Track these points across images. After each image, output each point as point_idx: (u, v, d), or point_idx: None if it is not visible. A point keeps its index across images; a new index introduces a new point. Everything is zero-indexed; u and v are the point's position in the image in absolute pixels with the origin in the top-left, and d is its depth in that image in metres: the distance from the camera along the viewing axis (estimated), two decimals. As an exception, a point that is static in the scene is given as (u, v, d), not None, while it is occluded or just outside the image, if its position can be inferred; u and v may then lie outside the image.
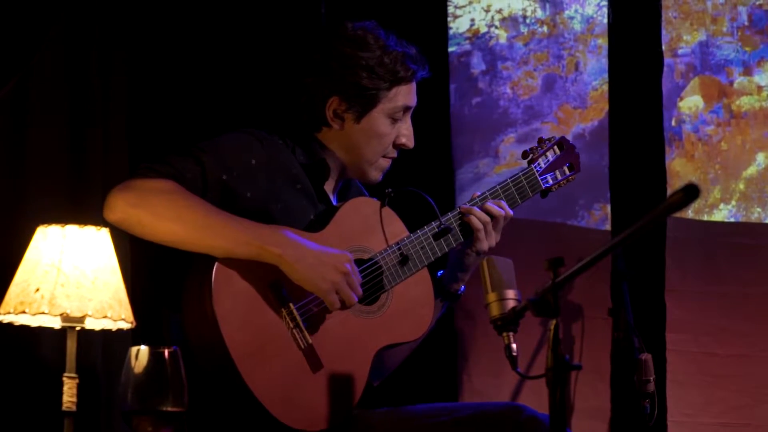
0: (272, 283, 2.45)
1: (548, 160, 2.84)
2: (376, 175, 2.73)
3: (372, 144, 2.68)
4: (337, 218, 2.59)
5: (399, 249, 2.62)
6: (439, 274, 2.74)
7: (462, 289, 2.79)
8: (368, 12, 3.87)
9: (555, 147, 2.86)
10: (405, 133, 2.72)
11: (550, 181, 2.84)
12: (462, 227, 2.70)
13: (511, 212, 2.73)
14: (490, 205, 2.70)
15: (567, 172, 2.88)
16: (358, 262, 2.59)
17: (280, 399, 2.39)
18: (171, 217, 2.42)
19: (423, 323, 2.64)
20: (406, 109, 2.70)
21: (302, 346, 2.45)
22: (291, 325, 2.44)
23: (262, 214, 2.52)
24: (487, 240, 2.69)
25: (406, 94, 2.69)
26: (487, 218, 2.68)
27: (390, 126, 2.68)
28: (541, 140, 2.87)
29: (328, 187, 2.71)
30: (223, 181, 2.51)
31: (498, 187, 2.76)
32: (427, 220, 2.69)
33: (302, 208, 2.60)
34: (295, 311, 2.45)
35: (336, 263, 2.45)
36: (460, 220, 2.70)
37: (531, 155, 2.83)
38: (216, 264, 2.42)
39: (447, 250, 2.68)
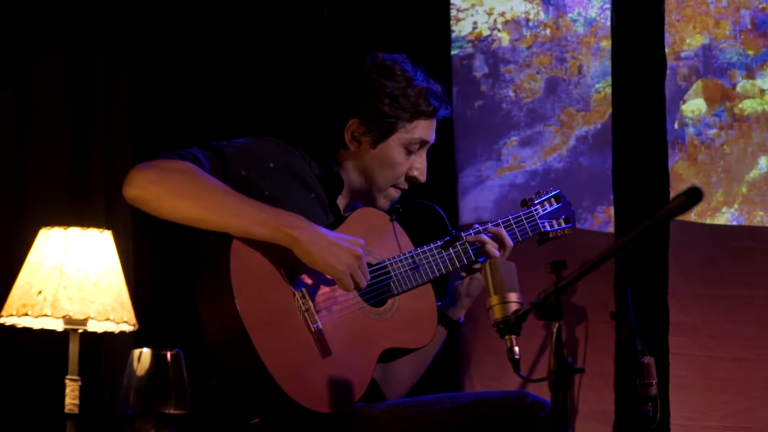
0: (287, 267, 2.48)
1: (546, 209, 2.92)
2: (383, 204, 2.78)
3: (384, 171, 2.74)
4: (347, 222, 2.65)
5: (410, 258, 2.66)
6: (438, 304, 2.77)
7: (462, 319, 2.83)
8: (371, 15, 3.88)
9: (552, 199, 2.95)
10: (418, 167, 2.77)
11: (548, 227, 2.91)
12: (467, 252, 2.74)
13: (512, 243, 2.78)
14: (504, 234, 2.75)
15: (563, 224, 2.95)
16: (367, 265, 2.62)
17: (288, 372, 2.40)
18: (189, 195, 2.44)
19: (427, 334, 2.67)
20: (422, 143, 2.76)
21: (312, 330, 2.47)
22: (303, 308, 2.47)
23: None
24: None
25: (424, 129, 2.74)
26: (496, 245, 2.74)
27: (404, 156, 2.74)
28: (538, 192, 2.96)
29: (340, 203, 2.74)
30: (242, 176, 2.55)
31: (500, 221, 2.81)
32: (433, 238, 2.73)
33: (315, 214, 2.62)
34: (307, 295, 2.48)
35: (350, 247, 2.49)
36: (472, 246, 2.74)
37: (530, 203, 2.91)
38: (234, 239, 2.44)
39: (458, 265, 2.72)
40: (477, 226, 2.80)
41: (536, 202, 2.91)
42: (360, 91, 2.69)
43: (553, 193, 2.95)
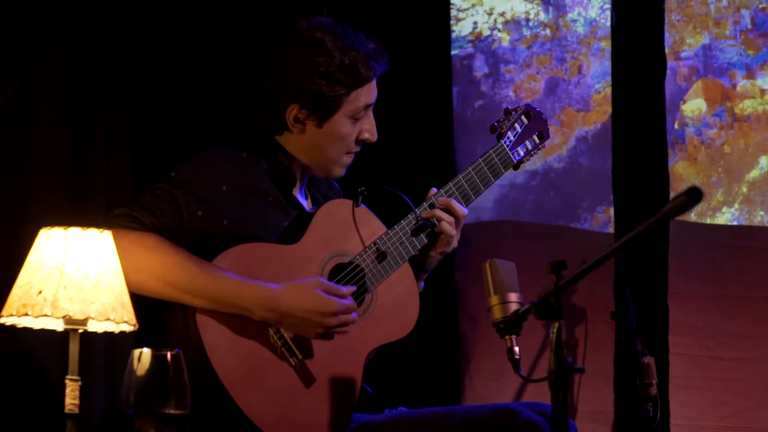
0: None
1: (517, 132, 2.81)
2: (339, 172, 2.71)
3: (335, 146, 2.65)
4: (313, 225, 2.58)
5: (377, 248, 2.61)
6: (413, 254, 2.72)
7: (422, 286, 2.77)
8: (371, 15, 3.88)
9: (522, 117, 2.83)
10: (367, 128, 2.68)
11: (522, 153, 2.82)
12: (423, 228, 2.68)
13: (466, 211, 2.70)
14: (454, 204, 2.68)
15: (537, 141, 2.84)
16: (339, 267, 2.59)
17: (277, 420, 2.39)
18: (155, 276, 2.43)
19: (410, 320, 2.63)
20: (367, 106, 2.66)
21: (293, 363, 2.45)
22: (279, 344, 2.45)
23: (241, 237, 2.52)
24: (455, 241, 2.69)
25: (367, 93, 2.64)
26: (452, 219, 2.68)
27: (352, 126, 2.64)
28: (507, 111, 2.83)
29: (295, 189, 2.70)
30: (199, 217, 2.50)
31: (470, 167, 2.73)
32: (405, 213, 2.68)
33: (276, 220, 2.59)
34: (282, 329, 2.45)
35: (319, 321, 2.45)
36: (428, 222, 2.68)
37: (499, 129, 2.80)
38: None
39: (426, 242, 2.66)
40: (434, 189, 2.71)
41: (507, 126, 2.80)
42: (294, 75, 2.58)
43: (522, 111, 2.83)
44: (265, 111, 2.63)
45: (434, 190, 2.72)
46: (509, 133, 2.79)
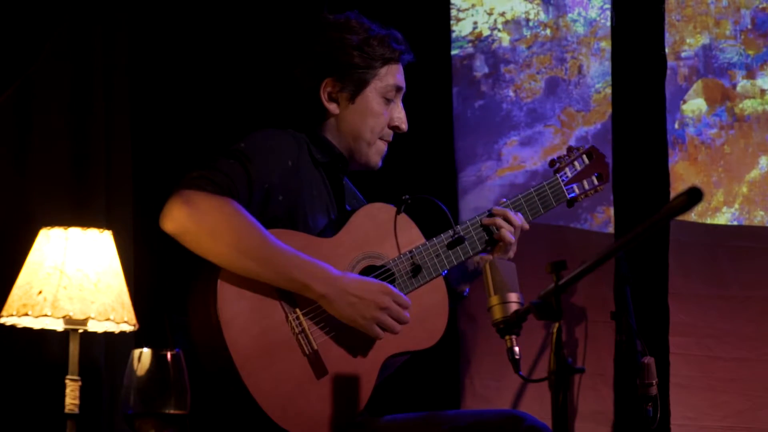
0: (279, 289, 2.46)
1: (575, 170, 2.85)
2: (376, 159, 2.76)
3: (368, 123, 2.71)
4: (351, 224, 2.61)
5: (411, 257, 2.62)
6: (443, 273, 2.73)
7: (467, 291, 2.80)
8: (371, 16, 3.88)
9: (584, 156, 2.87)
10: (398, 116, 2.76)
11: (577, 191, 2.85)
12: (480, 236, 2.71)
13: (527, 225, 2.76)
14: (510, 214, 2.72)
15: (595, 182, 2.88)
16: (371, 269, 2.59)
17: (280, 403, 2.39)
18: (228, 242, 2.44)
19: (436, 332, 2.63)
20: (397, 89, 2.74)
21: (307, 352, 2.45)
22: (297, 330, 2.45)
23: (289, 215, 2.56)
24: (513, 250, 2.73)
25: (395, 74, 2.74)
26: (511, 228, 2.71)
27: (383, 106, 2.72)
28: (570, 149, 2.89)
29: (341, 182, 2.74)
30: (265, 188, 2.55)
31: (521, 196, 2.78)
32: (445, 227, 2.70)
33: (322, 209, 2.63)
34: (302, 316, 2.46)
35: (375, 299, 2.48)
36: (478, 230, 2.71)
37: (558, 164, 2.85)
38: (222, 271, 2.43)
39: (463, 258, 2.68)
40: (504, 200, 2.76)
41: (566, 162, 2.85)
42: (326, 51, 2.69)
43: (584, 150, 2.88)
44: (302, 99, 2.69)
45: (504, 200, 2.77)
46: (567, 169, 2.84)
